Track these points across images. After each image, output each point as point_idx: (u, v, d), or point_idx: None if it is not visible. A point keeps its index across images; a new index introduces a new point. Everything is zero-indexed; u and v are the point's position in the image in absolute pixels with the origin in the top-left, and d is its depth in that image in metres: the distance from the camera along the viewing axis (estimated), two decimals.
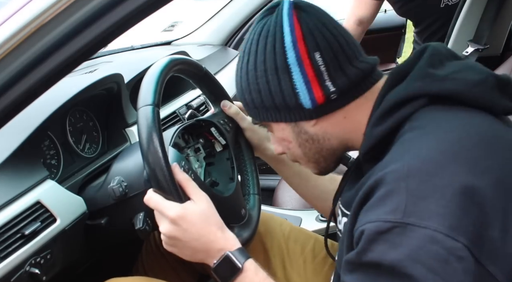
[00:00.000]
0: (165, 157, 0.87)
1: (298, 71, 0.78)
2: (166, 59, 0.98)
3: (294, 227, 1.27)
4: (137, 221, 0.99)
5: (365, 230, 0.66)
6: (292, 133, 0.84)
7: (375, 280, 0.65)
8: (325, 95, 0.78)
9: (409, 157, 0.66)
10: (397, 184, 0.64)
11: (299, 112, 0.81)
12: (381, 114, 0.76)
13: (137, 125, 0.88)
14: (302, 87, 0.78)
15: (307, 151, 0.86)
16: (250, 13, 2.27)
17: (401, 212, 0.62)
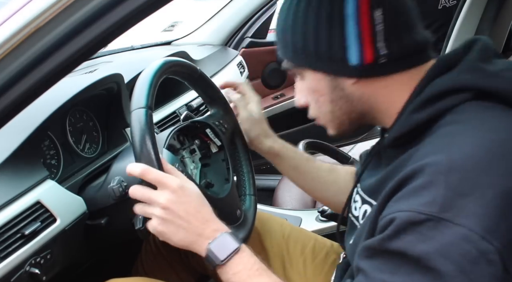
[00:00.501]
0: (158, 160, 0.87)
1: (353, 25, 0.73)
2: (159, 62, 0.98)
3: (294, 227, 1.27)
4: (137, 221, 0.98)
5: (395, 218, 0.64)
6: (328, 86, 0.80)
7: (396, 269, 0.64)
8: (374, 57, 0.74)
9: (452, 150, 0.64)
10: (436, 176, 0.62)
11: (343, 67, 0.76)
12: (424, 101, 0.73)
13: (130, 128, 0.89)
14: (353, 42, 0.74)
15: (337, 109, 0.82)
16: (250, 13, 2.28)
17: (438, 205, 0.61)
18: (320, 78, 0.80)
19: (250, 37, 2.37)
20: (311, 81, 0.82)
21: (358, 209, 0.86)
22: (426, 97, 0.73)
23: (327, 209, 1.45)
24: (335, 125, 0.85)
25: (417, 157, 0.68)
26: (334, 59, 0.76)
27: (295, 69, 0.83)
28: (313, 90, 0.82)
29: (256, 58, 2.40)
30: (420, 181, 0.64)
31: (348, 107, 0.81)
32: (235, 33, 2.33)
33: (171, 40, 2.30)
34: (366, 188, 0.85)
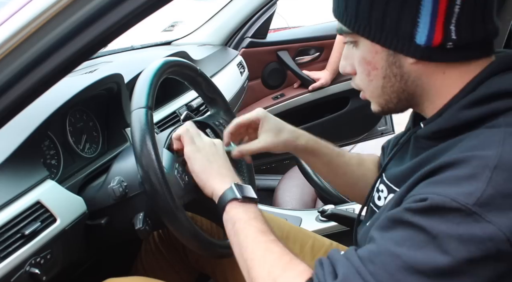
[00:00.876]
0: (158, 160, 0.87)
1: (431, 1, 0.68)
2: (159, 62, 0.99)
3: (292, 227, 1.27)
4: (137, 221, 0.99)
5: (427, 199, 0.63)
6: (384, 61, 0.74)
7: (406, 240, 0.63)
8: (443, 40, 0.69)
9: (504, 149, 0.62)
10: (482, 170, 0.61)
11: (408, 44, 0.71)
12: (477, 99, 0.70)
13: (130, 128, 0.89)
14: (425, 20, 0.69)
15: (388, 86, 0.77)
16: (250, 13, 2.28)
17: (475, 199, 0.60)
18: (378, 51, 0.74)
19: (250, 37, 2.37)
20: (366, 52, 0.76)
21: (383, 199, 0.84)
22: (481, 96, 0.69)
23: (327, 209, 1.45)
24: (381, 101, 0.80)
25: (462, 147, 0.66)
26: (401, 34, 0.70)
27: (350, 35, 0.77)
28: (367, 61, 0.76)
29: (256, 58, 2.40)
30: (463, 171, 0.63)
31: (400, 86, 0.76)
32: (235, 33, 2.33)
33: (171, 40, 2.30)
34: (393, 177, 0.83)
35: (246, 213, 0.85)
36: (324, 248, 1.19)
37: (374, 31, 0.72)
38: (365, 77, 0.78)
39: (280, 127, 1.04)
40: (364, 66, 0.77)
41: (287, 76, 2.51)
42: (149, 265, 1.30)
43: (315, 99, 2.48)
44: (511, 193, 0.60)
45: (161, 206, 0.90)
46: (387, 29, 0.71)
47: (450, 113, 0.72)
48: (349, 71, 0.82)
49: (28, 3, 0.70)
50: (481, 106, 0.69)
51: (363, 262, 0.65)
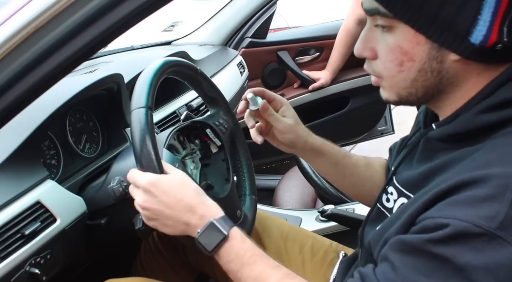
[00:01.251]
0: (158, 160, 0.87)
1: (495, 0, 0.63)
2: (159, 62, 0.99)
3: (292, 227, 1.27)
4: (137, 221, 0.99)
5: (449, 225, 0.60)
6: (426, 54, 0.68)
7: (433, 272, 0.61)
8: (496, 41, 0.64)
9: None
10: (502, 191, 0.59)
11: (458, 41, 0.65)
12: (496, 104, 0.66)
13: (130, 128, 0.89)
14: (486, 18, 0.63)
15: (421, 80, 0.70)
16: (250, 13, 2.28)
17: (498, 222, 0.58)
18: (420, 42, 0.67)
19: (250, 37, 2.36)
20: (405, 41, 0.68)
21: (393, 201, 0.82)
22: (501, 100, 0.66)
23: (327, 209, 1.45)
24: (402, 93, 0.74)
25: (480, 161, 0.63)
26: (455, 30, 0.64)
27: (387, 18, 0.68)
28: (403, 51, 0.69)
29: (256, 58, 2.40)
30: (482, 191, 0.60)
31: (434, 82, 0.70)
32: (235, 33, 2.33)
33: (171, 40, 2.30)
34: (405, 181, 0.79)
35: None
36: (323, 249, 1.19)
37: (424, 21, 0.65)
38: (395, 67, 0.71)
39: (298, 121, 1.02)
40: (398, 55, 0.70)
41: (287, 76, 2.51)
42: (148, 265, 1.30)
43: (315, 99, 2.48)
44: None
45: None
46: (441, 22, 0.64)
47: (467, 117, 0.69)
48: (367, 55, 0.74)
49: (28, 3, 0.70)
50: (499, 111, 0.66)
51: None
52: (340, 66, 2.40)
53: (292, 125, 1.00)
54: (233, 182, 1.11)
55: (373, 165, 1.07)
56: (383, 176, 1.06)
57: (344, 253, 1.15)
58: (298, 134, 1.00)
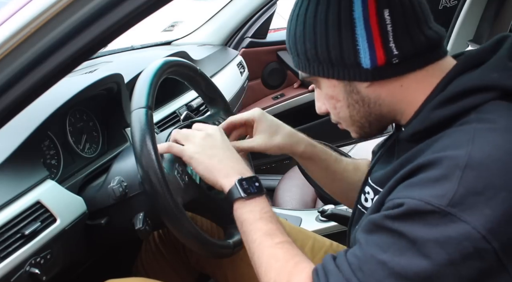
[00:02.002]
0: (158, 160, 0.87)
1: (363, 28, 0.73)
2: (159, 62, 0.99)
3: (292, 227, 1.27)
4: (137, 221, 0.99)
5: (403, 204, 0.65)
6: (343, 92, 0.79)
7: (389, 247, 0.65)
8: (386, 58, 0.73)
9: (474, 147, 0.64)
10: (452, 170, 0.63)
11: (356, 71, 0.75)
12: (447, 99, 0.72)
13: (130, 128, 0.89)
14: (364, 45, 0.73)
15: (355, 113, 0.81)
16: (250, 13, 2.28)
17: (447, 199, 0.62)
18: (335, 85, 0.79)
19: (250, 37, 2.37)
20: (326, 88, 0.81)
21: (370, 201, 0.86)
22: (450, 95, 0.72)
23: (327, 209, 1.45)
24: (356, 129, 0.84)
25: (436, 147, 0.68)
26: (347, 64, 0.75)
27: (311, 78, 0.82)
28: (329, 97, 0.81)
29: (256, 58, 2.40)
30: (435, 172, 0.64)
31: (366, 110, 0.80)
32: (235, 33, 2.33)
33: (171, 40, 2.30)
34: (378, 179, 0.85)
35: (251, 213, 0.85)
36: (324, 248, 1.19)
37: (326, 68, 0.77)
38: (334, 111, 0.83)
39: (275, 130, 1.03)
40: (330, 101, 0.82)
41: (287, 76, 2.51)
42: (149, 265, 1.30)
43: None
44: (482, 190, 0.61)
45: (161, 206, 0.90)
46: (335, 63, 0.76)
47: (423, 115, 0.74)
48: (324, 111, 0.86)
49: (28, 3, 0.70)
50: (451, 104, 0.71)
51: (353, 270, 0.68)
52: None
53: (267, 142, 1.02)
54: None
55: (361, 168, 1.09)
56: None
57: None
58: (278, 145, 1.03)
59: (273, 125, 1.03)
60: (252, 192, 0.86)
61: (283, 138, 1.03)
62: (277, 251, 0.79)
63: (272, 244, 0.80)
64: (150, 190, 0.89)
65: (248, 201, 0.85)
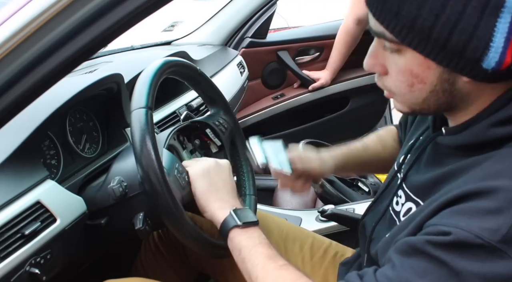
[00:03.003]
0: (158, 160, 0.87)
1: (509, 21, 0.59)
2: (159, 62, 0.99)
3: (292, 226, 1.27)
4: (137, 221, 0.99)
5: (450, 233, 0.60)
6: (437, 78, 0.66)
7: (427, 273, 0.62)
8: (511, 63, 0.61)
9: None
10: (508, 204, 0.59)
11: (470, 67, 0.63)
12: (509, 116, 0.65)
13: (130, 128, 0.89)
14: (499, 43, 0.60)
15: (432, 100, 0.69)
16: (250, 13, 2.28)
17: (500, 235, 0.58)
18: (431, 67, 0.66)
19: (250, 37, 2.37)
20: (415, 65, 0.67)
21: (401, 205, 0.82)
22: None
23: (327, 209, 1.45)
24: (415, 108, 0.73)
25: (487, 170, 0.63)
26: (466, 57, 0.62)
27: (395, 43, 0.66)
28: (413, 74, 0.68)
29: (256, 58, 2.40)
30: (488, 203, 0.60)
31: (446, 100, 0.69)
32: (235, 33, 2.33)
33: (171, 40, 2.30)
34: (413, 186, 0.79)
35: (250, 239, 0.86)
36: (323, 248, 1.19)
37: (432, 48, 0.63)
38: (405, 87, 0.70)
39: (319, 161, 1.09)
40: (408, 77, 0.68)
41: (287, 76, 2.51)
42: (148, 265, 1.30)
43: (315, 99, 2.48)
44: None
45: (161, 206, 0.90)
46: (451, 49, 0.62)
47: (478, 129, 0.68)
48: (377, 71, 0.73)
49: (28, 3, 0.70)
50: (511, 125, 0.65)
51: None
52: (340, 66, 2.40)
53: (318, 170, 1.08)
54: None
55: (387, 143, 1.13)
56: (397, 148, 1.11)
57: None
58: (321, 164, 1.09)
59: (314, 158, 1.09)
60: (249, 221, 0.88)
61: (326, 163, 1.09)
62: (283, 272, 0.79)
63: (277, 266, 0.80)
64: (150, 190, 0.89)
65: (245, 229, 0.87)
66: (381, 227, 0.87)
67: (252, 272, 0.81)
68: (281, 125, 2.45)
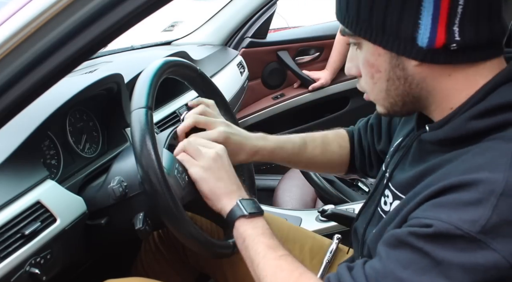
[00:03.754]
0: (158, 160, 0.87)
1: (432, 1, 0.65)
2: (159, 62, 0.99)
3: (292, 227, 1.27)
4: (137, 221, 0.99)
5: (432, 225, 0.62)
6: (387, 64, 0.73)
7: (411, 264, 0.64)
8: (446, 41, 0.66)
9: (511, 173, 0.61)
10: (487, 196, 0.60)
11: (408, 46, 0.69)
12: (488, 109, 0.67)
13: (130, 128, 0.89)
14: (427, 21, 0.66)
15: (392, 89, 0.75)
16: (250, 13, 2.28)
17: (480, 226, 0.60)
18: (380, 53, 0.72)
19: (250, 37, 2.37)
20: (369, 54, 0.74)
21: (389, 204, 0.84)
22: (492, 106, 0.67)
23: (327, 209, 1.45)
24: (386, 104, 0.78)
25: (468, 164, 0.65)
26: (401, 36, 0.68)
27: (354, 38, 0.75)
28: (370, 64, 0.75)
29: (256, 58, 2.40)
30: (468, 196, 0.62)
31: (405, 89, 0.74)
32: (235, 33, 2.33)
33: (171, 40, 2.30)
34: (399, 184, 0.81)
35: (254, 228, 0.87)
36: (323, 248, 1.19)
37: (376, 34, 0.71)
38: (369, 80, 0.77)
39: (237, 152, 1.04)
40: (368, 68, 0.76)
41: (287, 76, 2.51)
42: (149, 265, 1.30)
43: (315, 99, 2.48)
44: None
45: (161, 206, 0.90)
46: (388, 31, 0.69)
47: (458, 123, 0.70)
48: (354, 73, 0.80)
49: (28, 3, 0.70)
50: (490, 117, 0.67)
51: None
52: (340, 66, 2.40)
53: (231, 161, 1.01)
54: None
55: (330, 148, 1.14)
56: (343, 156, 1.15)
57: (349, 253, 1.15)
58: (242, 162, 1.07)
59: (236, 147, 1.04)
60: (255, 211, 0.90)
61: (245, 157, 1.06)
62: (282, 262, 0.81)
63: (276, 256, 0.82)
64: (150, 190, 0.89)
65: (250, 218, 0.89)
66: (371, 228, 0.88)
67: (254, 259, 0.84)
68: (281, 125, 2.46)
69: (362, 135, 1.14)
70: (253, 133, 1.09)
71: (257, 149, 1.07)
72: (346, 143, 1.16)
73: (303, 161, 1.13)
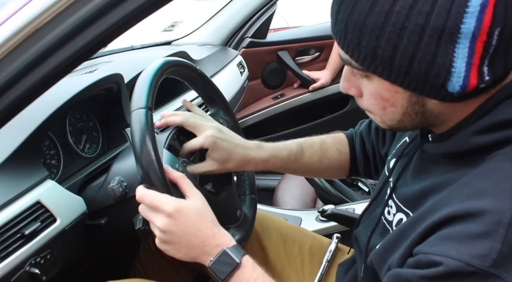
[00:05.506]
0: (158, 160, 0.87)
1: (467, 46, 0.59)
2: (159, 62, 0.98)
3: (292, 227, 1.27)
4: (137, 221, 0.99)
5: (441, 264, 0.60)
6: (406, 101, 0.67)
7: None
8: (477, 84, 0.61)
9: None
10: (495, 227, 0.58)
11: (435, 91, 0.63)
12: (492, 125, 0.65)
13: (130, 128, 0.89)
14: (460, 67, 0.60)
15: (406, 121, 0.70)
16: (250, 13, 2.28)
17: (491, 260, 0.58)
18: (397, 91, 0.66)
19: (250, 37, 2.37)
20: (383, 90, 0.67)
21: (392, 215, 0.82)
22: (496, 121, 0.65)
23: (327, 209, 1.45)
24: (393, 125, 0.73)
25: (472, 189, 0.63)
26: (429, 82, 0.62)
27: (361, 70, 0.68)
28: (383, 98, 0.69)
29: (256, 58, 2.40)
30: (475, 227, 0.59)
31: (421, 120, 0.70)
32: (235, 33, 2.33)
33: (171, 40, 2.30)
34: (402, 197, 0.79)
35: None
36: (323, 248, 1.19)
37: (396, 75, 0.63)
38: (379, 110, 0.71)
39: (226, 159, 1.01)
40: (379, 101, 0.70)
41: (287, 76, 2.51)
42: (148, 265, 1.30)
43: (315, 99, 2.48)
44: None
45: None
46: (414, 76, 0.62)
47: (462, 137, 0.68)
48: (353, 93, 0.74)
49: (28, 3, 0.70)
50: (494, 132, 0.65)
51: None
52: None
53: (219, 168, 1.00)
54: (233, 181, 1.11)
55: (328, 155, 1.11)
56: (343, 162, 1.13)
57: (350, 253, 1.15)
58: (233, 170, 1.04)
59: (224, 154, 1.01)
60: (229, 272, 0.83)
61: (235, 165, 1.02)
62: None
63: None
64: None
65: (231, 279, 0.84)
66: (376, 236, 0.86)
67: None
68: (281, 125, 2.46)
69: (365, 139, 1.12)
70: (248, 141, 1.06)
71: (248, 159, 1.03)
72: (345, 148, 1.15)
73: (300, 168, 1.10)
